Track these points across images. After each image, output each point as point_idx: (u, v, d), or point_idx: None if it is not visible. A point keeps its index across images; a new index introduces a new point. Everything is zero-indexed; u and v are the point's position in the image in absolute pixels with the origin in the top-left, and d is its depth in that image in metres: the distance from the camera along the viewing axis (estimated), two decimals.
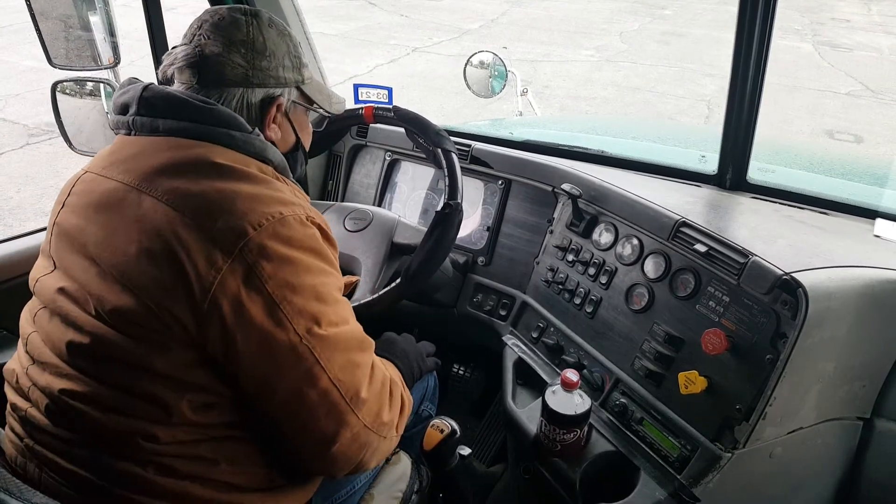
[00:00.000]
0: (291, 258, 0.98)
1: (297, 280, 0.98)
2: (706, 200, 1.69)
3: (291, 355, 0.97)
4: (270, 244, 0.96)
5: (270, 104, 1.15)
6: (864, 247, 1.48)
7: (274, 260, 0.96)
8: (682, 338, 1.37)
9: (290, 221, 1.00)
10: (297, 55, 1.18)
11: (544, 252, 1.76)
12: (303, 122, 1.26)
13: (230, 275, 0.94)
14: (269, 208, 0.99)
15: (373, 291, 1.50)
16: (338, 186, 2.22)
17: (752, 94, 1.59)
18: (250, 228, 0.95)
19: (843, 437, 1.39)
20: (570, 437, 1.36)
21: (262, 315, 0.95)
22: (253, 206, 0.98)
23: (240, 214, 0.96)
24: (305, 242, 1.01)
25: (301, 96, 1.22)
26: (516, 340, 1.75)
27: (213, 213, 0.96)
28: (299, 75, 1.19)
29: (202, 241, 0.94)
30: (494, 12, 10.63)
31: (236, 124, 1.08)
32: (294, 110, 1.22)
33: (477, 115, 5.92)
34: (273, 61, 1.13)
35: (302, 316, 0.97)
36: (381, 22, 10.02)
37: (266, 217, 0.97)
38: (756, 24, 1.51)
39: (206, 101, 1.07)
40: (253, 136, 1.09)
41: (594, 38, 9.16)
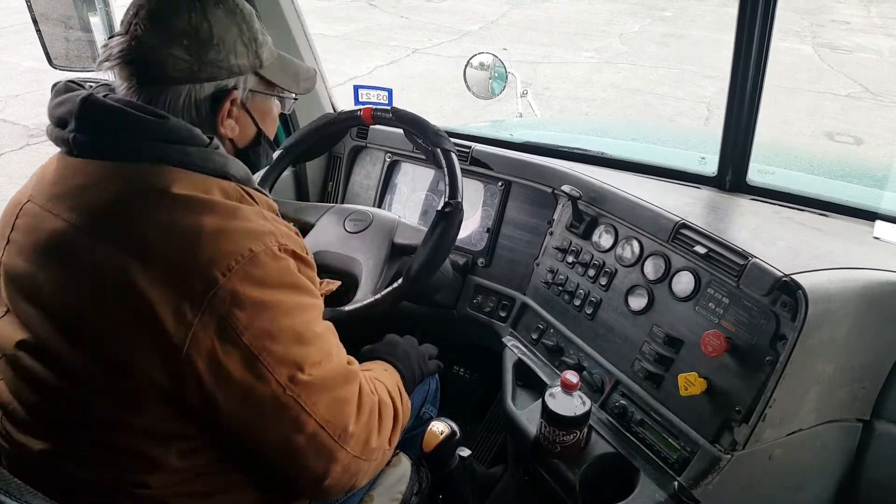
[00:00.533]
0: (267, 302, 0.91)
1: (276, 325, 0.91)
2: (706, 202, 1.69)
3: (275, 406, 0.92)
4: (243, 289, 0.89)
5: (223, 99, 1.03)
6: (863, 248, 1.48)
7: (248, 307, 0.89)
8: (682, 339, 1.37)
9: (261, 259, 0.91)
10: (251, 36, 1.04)
11: (544, 253, 1.76)
12: (265, 110, 1.13)
13: (202, 329, 0.87)
14: (238, 246, 0.91)
15: (374, 292, 1.50)
16: (338, 188, 2.23)
17: (751, 95, 1.59)
18: (219, 274, 0.88)
19: (843, 439, 1.39)
20: (569, 438, 1.36)
21: (241, 370, 0.89)
22: (219, 247, 0.89)
23: (206, 258, 0.88)
24: (281, 279, 0.94)
25: (261, 82, 1.09)
26: (516, 342, 1.75)
27: (175, 259, 0.88)
28: (256, 59, 1.05)
29: (167, 293, 0.86)
30: (494, 14, 10.63)
31: (192, 139, 0.98)
32: (253, 99, 1.09)
33: (477, 117, 5.92)
34: (222, 50, 1.00)
35: (283, 364, 0.92)
36: (382, 23, 10.02)
37: (235, 258, 0.89)
38: (756, 25, 1.51)
39: (156, 114, 0.96)
40: (210, 150, 0.99)
41: (594, 40, 9.16)
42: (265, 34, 1.08)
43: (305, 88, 1.19)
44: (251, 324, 0.89)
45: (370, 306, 1.47)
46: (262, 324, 0.90)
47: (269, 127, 1.16)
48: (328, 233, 1.67)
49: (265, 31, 1.09)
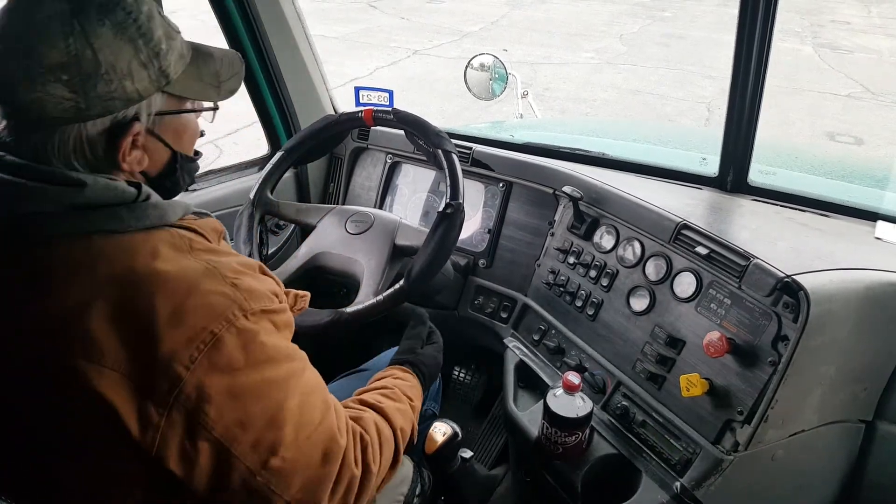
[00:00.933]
0: (237, 390, 0.82)
1: (247, 413, 0.83)
2: (707, 203, 1.69)
3: (246, 491, 0.86)
4: (209, 381, 0.79)
5: (122, 135, 0.84)
6: (865, 249, 1.48)
7: (217, 400, 0.80)
8: (684, 340, 1.37)
9: (225, 341, 0.80)
10: (152, 52, 0.84)
11: (545, 254, 1.76)
12: (179, 129, 0.94)
13: (170, 429, 0.79)
14: (197, 330, 0.79)
15: (376, 294, 1.49)
16: (339, 189, 2.23)
17: (752, 96, 1.59)
18: (182, 369, 0.78)
19: (845, 440, 1.39)
20: (571, 439, 1.36)
21: (211, 461, 0.82)
22: (177, 335, 0.78)
23: (165, 352, 0.77)
24: (249, 358, 0.83)
25: (171, 100, 0.90)
26: (517, 343, 1.75)
27: (131, 353, 0.78)
28: (161, 77, 0.86)
29: (127, 394, 0.77)
30: (494, 15, 10.63)
31: (117, 197, 0.83)
32: (162, 121, 0.90)
33: (477, 118, 5.92)
34: (114, 78, 0.80)
35: (255, 451, 0.84)
36: (382, 24, 10.03)
37: (197, 346, 0.79)
38: (757, 26, 1.51)
39: (67, 180, 0.80)
40: (143, 204, 0.86)
41: (594, 41, 9.17)
42: (171, 36, 0.88)
43: (229, 90, 0.99)
44: (221, 417, 0.81)
45: (372, 308, 1.46)
46: (233, 415, 0.81)
47: (188, 145, 0.97)
48: (330, 234, 1.67)
49: (171, 29, 0.89)
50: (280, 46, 2.04)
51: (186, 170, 0.98)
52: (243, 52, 2.01)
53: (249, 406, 0.83)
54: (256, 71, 2.06)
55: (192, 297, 0.80)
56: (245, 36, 1.98)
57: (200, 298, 0.81)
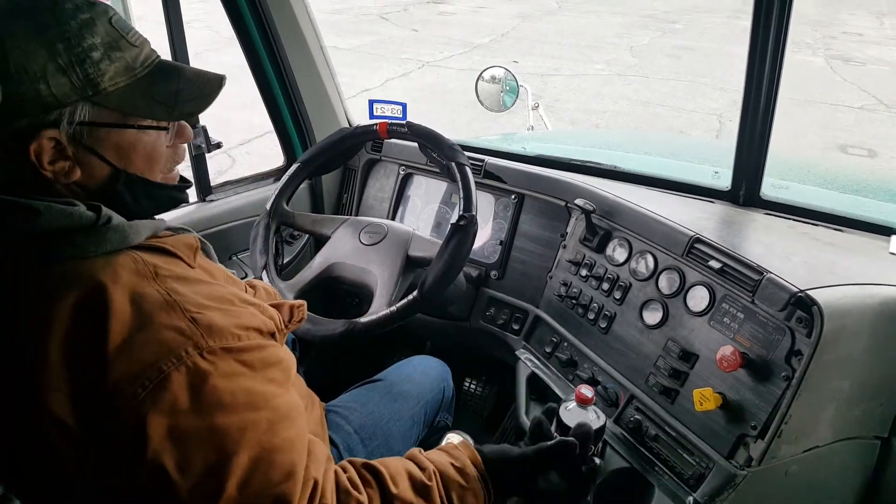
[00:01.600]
0: (178, 433, 0.77)
1: (187, 459, 0.78)
2: (720, 216, 1.69)
3: None
4: (150, 420, 0.76)
5: (31, 138, 0.80)
6: (879, 264, 1.47)
7: (154, 440, 0.76)
8: (697, 354, 1.37)
9: (172, 380, 0.77)
10: (74, 57, 0.80)
11: (557, 266, 1.76)
12: (125, 143, 0.88)
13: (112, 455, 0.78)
14: (145, 364, 0.77)
15: (389, 304, 1.50)
16: (352, 200, 2.24)
17: (765, 109, 1.59)
18: (124, 403, 0.76)
19: (860, 457, 1.38)
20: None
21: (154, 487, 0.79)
22: (122, 367, 0.76)
23: (110, 383, 0.76)
24: (198, 400, 0.79)
25: (106, 113, 0.84)
26: (529, 355, 1.75)
27: (78, 378, 0.77)
28: (87, 84, 0.81)
29: (74, 414, 0.77)
30: (505, 27, 10.67)
31: (73, 221, 0.81)
32: (96, 133, 0.84)
33: (487, 129, 5.94)
34: (25, 80, 0.77)
35: (195, 497, 0.79)
36: (393, 36, 10.08)
37: (142, 383, 0.76)
38: (769, 38, 1.51)
39: (19, 208, 0.79)
40: (102, 228, 0.83)
41: (605, 53, 9.18)
42: (115, 48, 0.84)
43: (186, 112, 0.92)
44: (158, 458, 0.76)
45: (385, 318, 1.47)
46: (172, 458, 0.77)
47: (142, 165, 0.90)
48: (344, 245, 1.68)
49: (124, 40, 0.86)
50: (296, 59, 2.06)
51: (144, 193, 0.92)
52: (260, 63, 2.04)
53: (190, 451, 0.78)
54: (273, 83, 2.09)
55: (145, 331, 0.78)
56: (262, 48, 2.00)
57: (153, 333, 0.78)
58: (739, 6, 11.12)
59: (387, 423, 1.47)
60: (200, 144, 1.87)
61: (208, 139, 1.88)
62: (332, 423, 1.41)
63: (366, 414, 1.46)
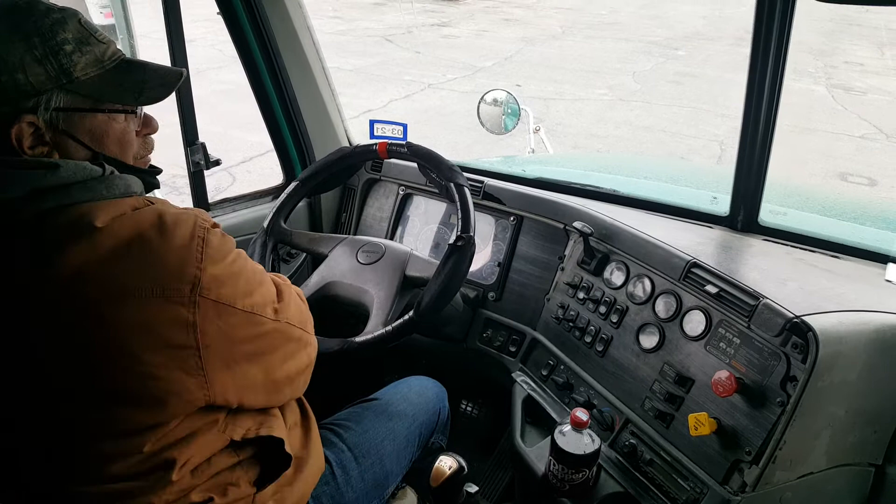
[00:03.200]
0: (233, 270, 0.99)
1: (246, 283, 1.01)
2: (717, 242, 1.69)
3: (275, 336, 1.07)
4: (215, 271, 0.95)
5: (11, 123, 0.90)
6: (875, 291, 1.47)
7: (226, 282, 0.96)
8: (693, 379, 1.36)
9: (209, 238, 0.97)
10: (49, 50, 0.91)
11: (555, 289, 1.76)
12: (97, 128, 0.98)
13: (204, 320, 0.93)
14: (186, 238, 0.95)
15: (385, 324, 1.50)
16: (351, 219, 2.25)
17: (763, 136, 1.60)
18: (195, 269, 0.94)
19: (855, 484, 1.37)
20: (578, 476, 1.35)
21: (246, 329, 1.00)
22: (175, 245, 0.93)
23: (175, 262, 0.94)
24: (226, 247, 1.00)
25: (80, 100, 0.95)
26: (525, 377, 1.75)
27: (148, 278, 0.92)
28: (61, 73, 0.92)
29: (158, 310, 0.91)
30: (508, 51, 10.76)
31: (88, 173, 0.95)
32: (70, 118, 0.95)
33: (489, 152, 5.96)
34: (3, 70, 0.88)
35: (267, 305, 1.04)
36: (396, 58, 10.16)
37: (196, 248, 0.95)
38: (768, 66, 1.53)
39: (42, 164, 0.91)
40: (110, 176, 0.97)
41: (607, 78, 9.25)
42: (86, 42, 0.95)
43: (152, 98, 1.04)
44: (235, 293, 0.97)
45: (381, 338, 1.47)
46: (239, 287, 0.98)
47: (114, 148, 1.02)
48: (341, 264, 1.68)
49: (93, 37, 0.96)
50: (297, 78, 2.08)
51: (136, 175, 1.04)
52: (261, 81, 2.05)
53: (244, 278, 1.00)
54: (273, 101, 2.10)
55: (168, 217, 0.93)
56: (263, 67, 2.02)
57: (175, 218, 0.93)
58: (742, 34, 11.21)
59: (381, 442, 1.47)
60: (199, 161, 1.88)
61: (207, 156, 1.89)
62: (327, 440, 1.40)
63: (360, 432, 1.46)
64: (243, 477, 1.09)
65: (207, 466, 1.03)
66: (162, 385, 0.91)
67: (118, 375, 0.89)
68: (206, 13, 2.20)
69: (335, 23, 12.27)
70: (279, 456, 1.12)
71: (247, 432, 1.07)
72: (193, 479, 1.01)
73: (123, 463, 0.94)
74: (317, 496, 1.29)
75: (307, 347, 1.17)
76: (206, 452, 1.02)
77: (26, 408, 0.92)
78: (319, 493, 1.30)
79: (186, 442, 0.98)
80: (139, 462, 0.94)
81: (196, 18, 6.33)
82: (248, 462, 1.10)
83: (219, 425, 1.02)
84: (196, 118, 1.87)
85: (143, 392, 0.90)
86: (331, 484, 1.33)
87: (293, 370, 1.13)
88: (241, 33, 1.96)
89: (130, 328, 0.88)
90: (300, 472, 1.20)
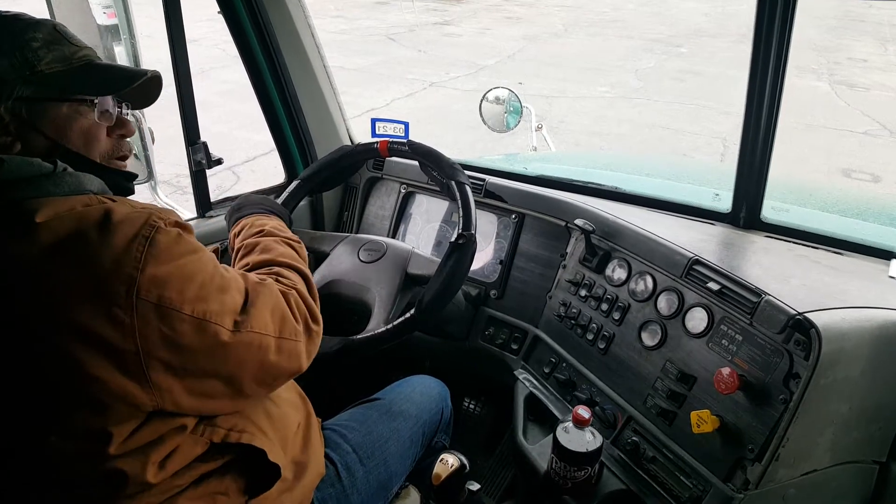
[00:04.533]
0: (185, 272, 0.94)
1: (201, 287, 0.95)
2: (720, 239, 1.69)
3: (241, 348, 0.99)
4: (157, 271, 0.90)
5: None
6: (878, 288, 1.47)
7: (171, 283, 0.91)
8: (695, 376, 1.36)
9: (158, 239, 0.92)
10: (18, 43, 0.96)
11: (557, 286, 1.76)
12: (60, 120, 1.00)
13: (145, 325, 0.89)
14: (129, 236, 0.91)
15: (386, 322, 1.50)
16: (353, 218, 2.25)
17: (765, 132, 1.60)
18: (132, 270, 0.89)
19: (859, 481, 1.37)
20: (581, 474, 1.35)
21: (196, 337, 0.93)
22: (115, 244, 0.90)
23: (111, 261, 0.89)
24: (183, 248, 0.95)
25: (40, 90, 0.97)
26: (528, 375, 1.74)
27: (82, 277, 0.88)
28: (25, 65, 0.96)
29: (93, 311, 0.87)
30: (511, 49, 10.75)
31: (33, 170, 0.94)
32: (32, 108, 0.97)
33: (492, 150, 5.96)
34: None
35: (226, 315, 0.97)
36: (399, 57, 10.16)
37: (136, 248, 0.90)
38: (770, 62, 1.53)
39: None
40: (59, 174, 0.95)
41: (609, 75, 9.23)
42: (56, 41, 1.00)
43: (118, 88, 1.05)
44: (182, 297, 0.91)
45: (382, 336, 1.47)
46: (189, 291, 0.92)
47: (78, 142, 1.02)
48: (343, 262, 1.68)
49: (65, 40, 1.01)
50: (298, 77, 2.08)
51: (86, 170, 1.01)
52: (263, 80, 2.05)
53: (196, 282, 0.94)
54: (275, 101, 2.10)
55: (115, 215, 0.90)
56: (265, 66, 2.02)
57: (123, 216, 0.91)
58: (745, 31, 11.14)
59: (385, 443, 1.46)
60: (201, 160, 1.88)
61: (209, 155, 1.89)
62: (331, 441, 1.40)
63: (364, 433, 1.46)
64: (232, 486, 1.08)
65: (189, 471, 1.01)
66: (104, 388, 0.88)
67: (57, 377, 0.87)
68: (210, 13, 2.21)
69: (338, 22, 12.28)
70: (267, 465, 1.10)
71: (227, 436, 1.04)
72: (175, 481, 1.00)
73: (89, 465, 0.92)
74: (322, 499, 1.28)
75: (290, 355, 1.08)
76: (185, 454, 1.00)
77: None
78: (325, 497, 1.29)
79: (155, 446, 0.96)
80: (106, 465, 0.92)
81: (200, 18, 6.34)
82: (236, 470, 1.09)
83: (191, 428, 1.00)
84: (198, 117, 1.87)
85: (86, 395, 0.88)
86: (336, 486, 1.33)
87: (269, 379, 1.07)
88: (243, 32, 1.96)
89: (66, 329, 0.85)
90: (299, 479, 1.19)
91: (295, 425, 1.24)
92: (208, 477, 1.05)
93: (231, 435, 1.05)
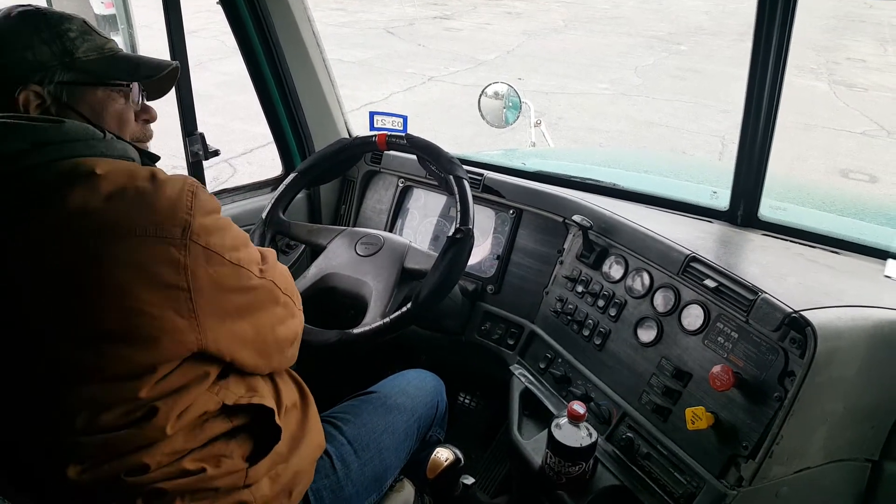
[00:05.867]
0: (221, 225, 1.03)
1: (233, 239, 1.05)
2: (717, 236, 1.69)
3: (262, 293, 1.10)
4: (204, 221, 1.00)
5: (20, 90, 1.03)
6: (874, 287, 1.47)
7: (215, 233, 1.01)
8: (690, 373, 1.36)
9: (199, 193, 1.02)
10: (54, 34, 1.05)
11: (554, 282, 1.76)
12: (96, 103, 1.10)
13: (195, 263, 0.97)
14: (179, 190, 1.01)
15: (383, 316, 1.50)
16: (350, 211, 2.24)
17: (764, 131, 1.60)
18: (186, 215, 0.99)
19: (851, 479, 1.38)
20: (575, 470, 1.35)
21: (234, 281, 1.03)
22: (169, 194, 0.99)
23: (167, 207, 0.98)
24: (215, 205, 1.05)
25: (78, 75, 1.06)
26: (523, 370, 1.75)
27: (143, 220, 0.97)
28: (64, 53, 1.05)
29: (152, 249, 0.96)
30: (510, 44, 10.74)
31: (91, 134, 1.03)
32: (72, 92, 1.06)
33: (490, 145, 5.95)
34: (16, 50, 1.02)
35: (253, 263, 1.08)
36: (399, 50, 10.14)
37: (187, 198, 1.00)
38: (769, 61, 1.52)
39: (49, 120, 1.01)
40: (110, 139, 1.05)
41: (609, 72, 9.22)
42: (87, 32, 1.09)
43: (148, 75, 1.15)
44: (223, 244, 1.01)
45: (379, 330, 1.47)
46: (227, 241, 1.03)
47: (112, 123, 1.11)
48: (339, 255, 1.68)
49: (94, 32, 1.10)
50: (297, 69, 2.07)
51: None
52: (261, 72, 2.05)
53: (231, 235, 1.04)
54: (273, 93, 2.10)
55: (160, 174, 1.00)
56: (263, 58, 2.02)
57: (167, 176, 1.01)
58: (745, 29, 11.14)
59: (380, 436, 1.47)
60: (198, 152, 1.87)
61: (206, 147, 1.89)
62: (326, 433, 1.41)
63: (359, 425, 1.46)
64: (237, 450, 1.12)
65: (201, 430, 1.07)
66: (155, 323, 0.94)
67: (111, 313, 0.92)
68: (208, 4, 2.20)
69: (338, 14, 12.25)
70: (270, 429, 1.15)
71: (239, 398, 1.10)
72: (186, 441, 1.05)
73: (116, 410, 0.97)
74: (317, 490, 1.30)
75: (293, 318, 1.21)
76: (199, 409, 1.05)
77: (8, 352, 0.96)
78: (320, 487, 1.31)
79: (179, 394, 1.01)
80: (133, 410, 0.98)
81: (198, 9, 6.32)
82: (242, 434, 1.13)
83: (210, 382, 1.06)
84: (195, 108, 1.86)
85: (135, 330, 0.94)
86: (331, 477, 1.34)
87: (281, 336, 1.17)
88: (241, 24, 1.95)
89: (125, 265, 0.92)
90: (295, 450, 1.22)
91: (291, 402, 1.26)
92: (215, 440, 1.09)
93: (241, 399, 1.11)
